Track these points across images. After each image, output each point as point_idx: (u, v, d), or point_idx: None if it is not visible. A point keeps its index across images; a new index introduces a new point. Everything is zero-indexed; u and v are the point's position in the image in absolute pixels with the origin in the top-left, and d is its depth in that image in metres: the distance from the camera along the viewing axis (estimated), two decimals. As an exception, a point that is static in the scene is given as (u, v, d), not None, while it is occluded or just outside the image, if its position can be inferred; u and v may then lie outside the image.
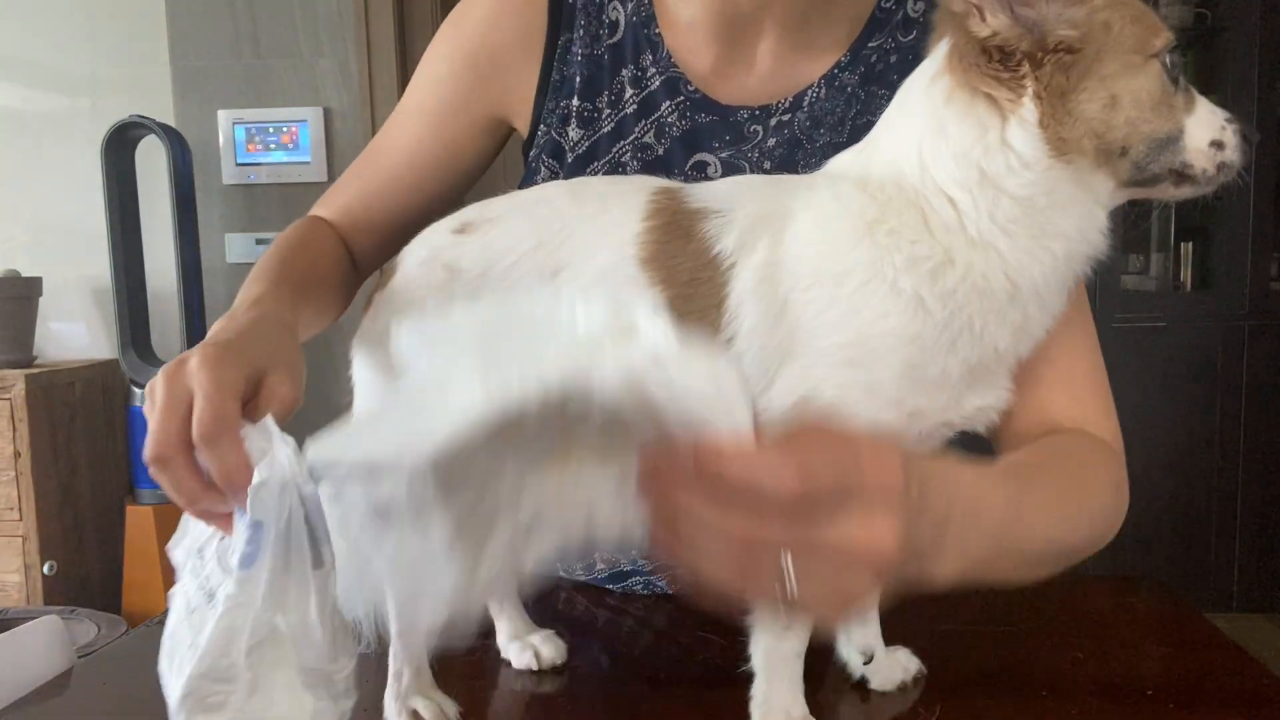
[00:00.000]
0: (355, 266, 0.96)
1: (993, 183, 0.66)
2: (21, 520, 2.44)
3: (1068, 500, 0.70)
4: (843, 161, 0.74)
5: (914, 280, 0.66)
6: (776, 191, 0.73)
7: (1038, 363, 0.73)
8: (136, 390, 2.69)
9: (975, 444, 0.73)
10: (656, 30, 0.92)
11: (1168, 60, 0.66)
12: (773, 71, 0.91)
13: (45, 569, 2.45)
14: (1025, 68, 0.65)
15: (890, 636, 0.83)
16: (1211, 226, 3.18)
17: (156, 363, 2.62)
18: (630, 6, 0.93)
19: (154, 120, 2.59)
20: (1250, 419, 3.06)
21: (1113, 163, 0.67)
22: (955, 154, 0.67)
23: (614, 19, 0.93)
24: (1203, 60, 3.13)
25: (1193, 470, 3.08)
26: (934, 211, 0.67)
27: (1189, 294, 3.23)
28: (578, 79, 0.93)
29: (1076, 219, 0.67)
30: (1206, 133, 0.67)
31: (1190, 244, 3.25)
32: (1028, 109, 0.65)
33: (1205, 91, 0.70)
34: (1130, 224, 2.94)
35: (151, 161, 2.69)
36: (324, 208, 0.98)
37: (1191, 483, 3.08)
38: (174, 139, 2.62)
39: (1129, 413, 0.78)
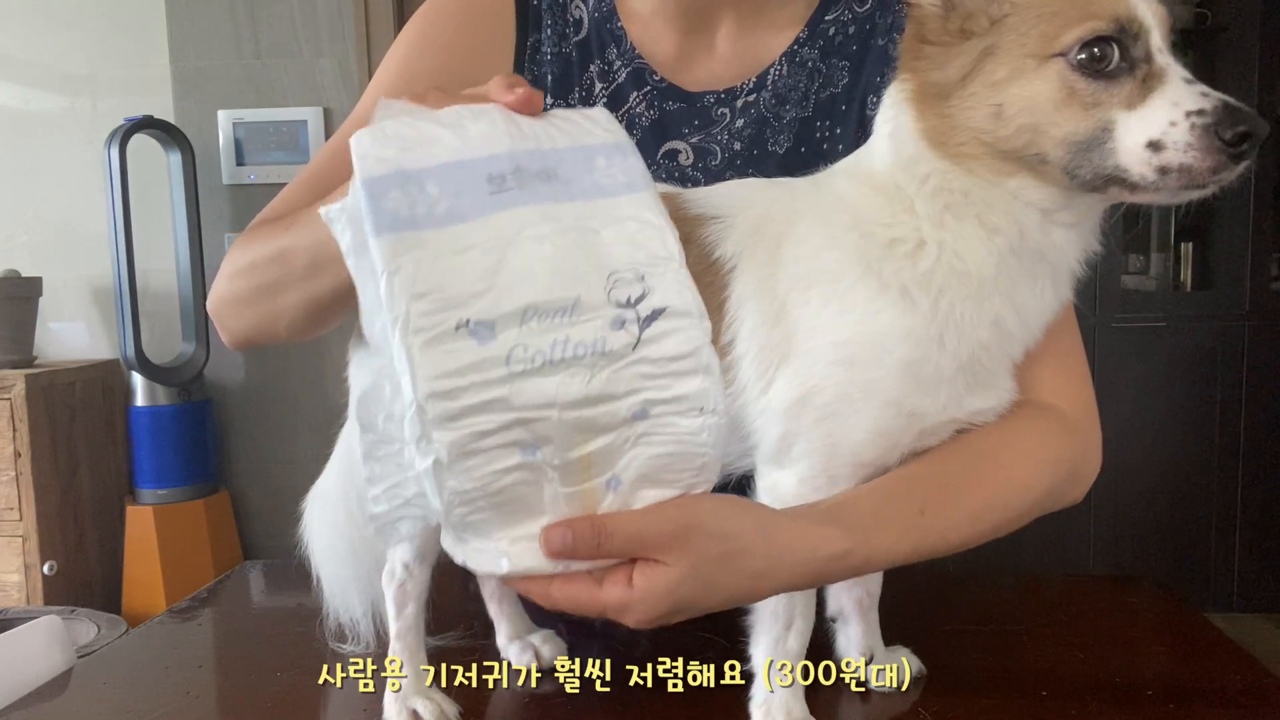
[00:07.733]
0: None
1: (905, 167, 0.68)
2: (21, 520, 2.44)
3: (989, 510, 0.70)
4: (846, 159, 0.75)
5: (895, 266, 0.67)
6: (777, 194, 0.73)
7: None
8: (137, 390, 2.69)
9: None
10: (619, 24, 0.93)
11: (1094, 51, 0.59)
12: (734, 53, 0.92)
13: (45, 569, 2.45)
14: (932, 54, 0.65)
15: (890, 636, 0.84)
16: (1211, 226, 3.18)
17: (155, 365, 2.62)
18: (592, 3, 0.94)
19: (165, 120, 2.59)
20: (1250, 419, 3.05)
21: (1035, 169, 0.63)
22: (890, 134, 0.69)
23: (578, 17, 0.94)
24: (1203, 60, 3.13)
25: (1193, 470, 3.07)
26: (897, 191, 0.68)
27: (1189, 294, 3.22)
28: (549, 78, 0.93)
29: (1009, 217, 0.65)
30: (1143, 131, 0.58)
31: (1190, 244, 3.24)
32: (903, 109, 0.67)
33: (1204, 92, 0.68)
34: (1130, 224, 2.95)
35: (148, 162, 2.68)
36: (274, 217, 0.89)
37: (1191, 482, 3.07)
38: (181, 139, 2.62)
39: (1129, 413, 0.78)
